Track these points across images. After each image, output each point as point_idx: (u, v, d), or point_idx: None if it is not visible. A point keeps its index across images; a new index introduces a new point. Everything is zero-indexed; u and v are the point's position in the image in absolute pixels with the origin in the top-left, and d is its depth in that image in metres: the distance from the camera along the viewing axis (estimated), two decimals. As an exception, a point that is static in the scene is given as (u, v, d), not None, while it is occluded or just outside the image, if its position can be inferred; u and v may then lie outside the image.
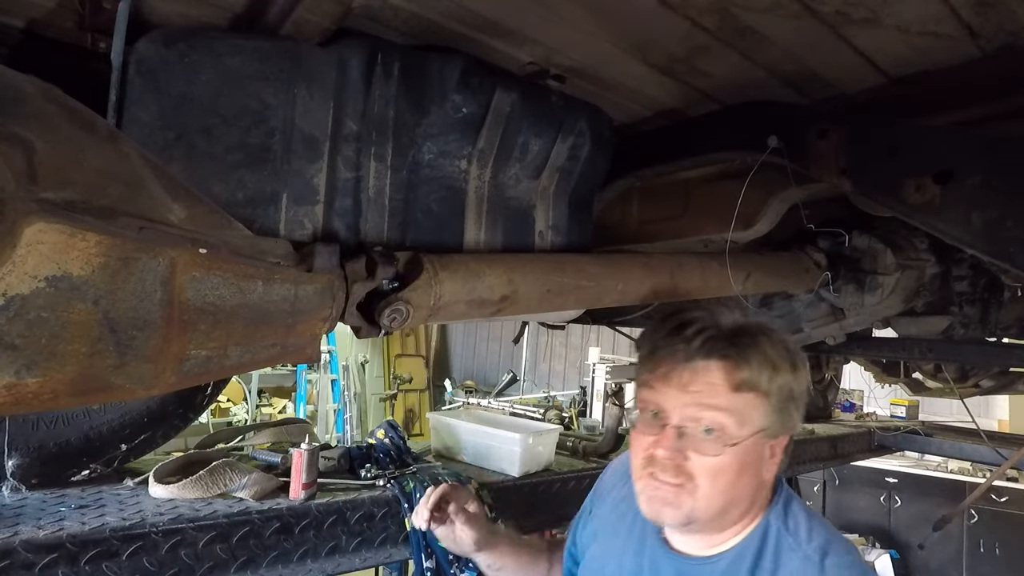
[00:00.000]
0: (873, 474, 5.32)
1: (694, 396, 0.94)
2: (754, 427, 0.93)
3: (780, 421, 0.94)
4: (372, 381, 8.72)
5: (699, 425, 0.92)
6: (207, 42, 0.99)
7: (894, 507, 5.30)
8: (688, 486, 0.93)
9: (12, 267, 0.63)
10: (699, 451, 0.92)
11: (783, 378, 0.94)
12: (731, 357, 0.93)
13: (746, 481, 0.95)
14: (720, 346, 0.94)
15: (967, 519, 4.94)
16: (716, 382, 0.93)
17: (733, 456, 0.92)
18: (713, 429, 0.92)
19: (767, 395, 0.93)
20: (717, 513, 0.95)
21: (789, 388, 0.94)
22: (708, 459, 0.92)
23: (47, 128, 0.69)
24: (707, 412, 0.92)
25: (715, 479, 0.92)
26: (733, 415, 0.92)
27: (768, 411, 0.93)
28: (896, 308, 2.10)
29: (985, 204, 1.20)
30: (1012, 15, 1.09)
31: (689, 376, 0.95)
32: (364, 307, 1.07)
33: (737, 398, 0.93)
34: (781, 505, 1.00)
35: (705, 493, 0.92)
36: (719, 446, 0.91)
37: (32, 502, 1.50)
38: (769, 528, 0.98)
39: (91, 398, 0.76)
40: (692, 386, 0.94)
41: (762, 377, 0.92)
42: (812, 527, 0.96)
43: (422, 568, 1.83)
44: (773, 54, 1.28)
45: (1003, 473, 4.36)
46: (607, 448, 2.61)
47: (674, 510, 0.94)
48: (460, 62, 1.21)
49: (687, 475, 0.93)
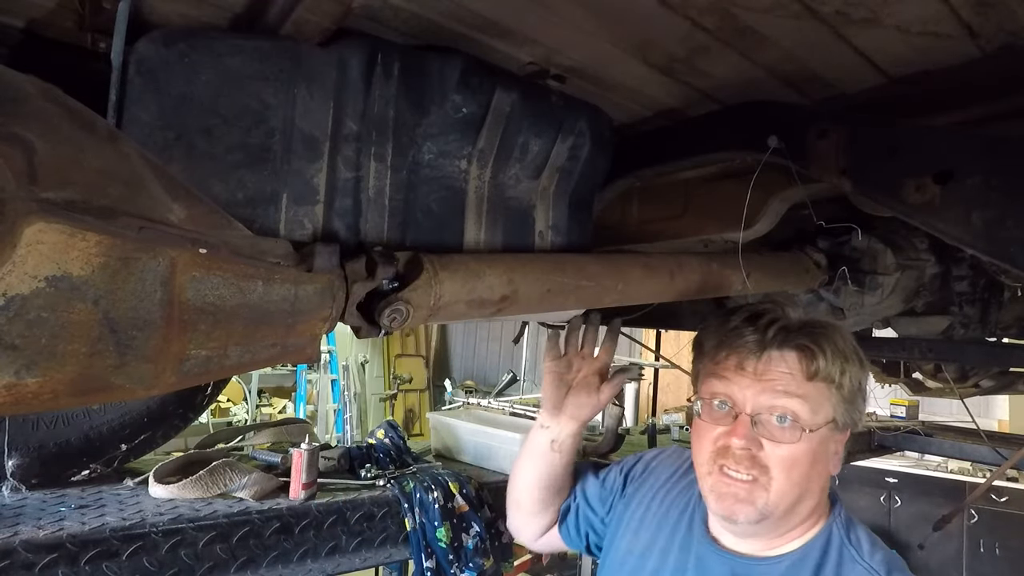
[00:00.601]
0: (873, 474, 5.33)
1: (769, 384, 0.94)
2: (827, 417, 0.94)
3: (848, 413, 0.95)
4: (372, 381, 8.72)
5: (773, 413, 0.92)
6: (207, 42, 0.99)
7: (894, 507, 5.30)
8: (762, 480, 0.92)
9: (12, 267, 0.63)
10: (774, 439, 0.92)
11: (853, 370, 0.95)
12: (806, 347, 0.94)
13: (818, 473, 0.95)
14: (794, 336, 0.95)
15: (967, 519, 4.94)
16: (791, 371, 0.94)
17: (807, 446, 0.92)
18: (788, 417, 0.92)
19: (840, 386, 0.94)
20: (789, 507, 0.95)
21: (859, 380, 0.96)
22: (783, 448, 0.92)
23: (47, 128, 0.69)
24: (782, 400, 0.92)
25: (790, 470, 0.92)
26: (808, 403, 0.92)
27: (839, 402, 0.94)
28: (896, 308, 2.10)
29: (985, 204, 1.20)
30: (1012, 15, 1.09)
31: (763, 365, 0.95)
32: (364, 307, 1.07)
33: (811, 387, 0.93)
34: (843, 517, 1.00)
35: (780, 486, 0.92)
36: (795, 433, 0.91)
37: (32, 502, 1.50)
38: (832, 537, 0.97)
39: (91, 398, 0.76)
40: (766, 375, 0.94)
41: (835, 368, 0.93)
42: (873, 543, 0.97)
43: (422, 568, 1.83)
44: (773, 54, 1.28)
45: (1003, 473, 4.36)
46: (607, 448, 2.61)
47: (748, 507, 0.93)
48: (460, 62, 1.21)
49: (761, 467, 0.93)
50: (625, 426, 3.05)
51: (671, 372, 7.40)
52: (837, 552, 0.95)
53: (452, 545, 1.90)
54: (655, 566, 1.09)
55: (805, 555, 0.96)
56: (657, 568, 1.08)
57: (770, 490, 0.92)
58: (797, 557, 0.96)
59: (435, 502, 1.92)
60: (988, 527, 4.92)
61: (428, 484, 1.96)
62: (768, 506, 0.92)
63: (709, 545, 1.03)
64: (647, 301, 1.60)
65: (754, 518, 0.93)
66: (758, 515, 0.93)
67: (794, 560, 0.96)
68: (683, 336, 6.76)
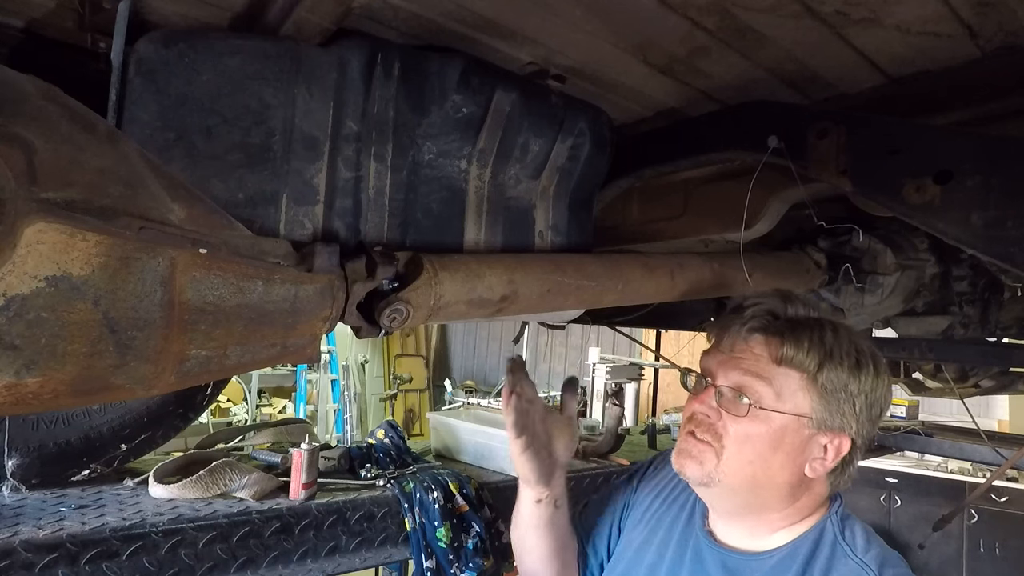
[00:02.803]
0: (873, 474, 5.33)
1: (736, 361, 0.98)
2: (795, 407, 0.94)
3: (827, 412, 0.94)
4: (372, 381, 8.73)
5: (733, 387, 0.96)
6: (207, 42, 0.99)
7: (894, 507, 5.30)
8: (715, 447, 0.96)
9: (12, 267, 0.63)
10: (730, 412, 0.95)
11: (837, 370, 0.94)
12: (781, 334, 0.96)
13: (780, 462, 0.95)
14: (775, 324, 0.98)
15: (967, 519, 4.94)
16: (759, 352, 0.97)
17: (765, 428, 0.94)
18: (744, 394, 0.95)
19: (813, 380, 0.93)
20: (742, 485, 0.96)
21: (843, 382, 0.94)
22: (739, 423, 0.94)
23: (47, 128, 0.69)
24: (745, 377, 0.96)
25: (742, 445, 0.95)
26: (771, 386, 0.94)
27: (813, 397, 0.94)
28: (896, 308, 2.10)
29: (985, 204, 1.20)
30: (1012, 15, 1.09)
31: (736, 344, 1.00)
32: (364, 307, 1.07)
33: (780, 372, 0.95)
34: (839, 516, 1.00)
35: (730, 457, 0.95)
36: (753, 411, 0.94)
37: (32, 502, 1.50)
38: (824, 533, 0.97)
39: (91, 398, 0.76)
40: (736, 352, 0.99)
41: (810, 360, 0.93)
42: (869, 540, 0.96)
43: (422, 568, 1.83)
44: (773, 54, 1.28)
45: (1003, 473, 4.36)
46: (607, 448, 2.61)
47: (697, 465, 0.97)
48: (460, 62, 1.21)
49: (716, 435, 0.97)
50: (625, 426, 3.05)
51: (671, 372, 7.40)
52: (829, 548, 0.95)
53: (452, 545, 1.90)
54: (653, 560, 1.10)
55: (795, 550, 0.97)
56: (655, 562, 1.09)
57: (720, 457, 0.95)
58: (787, 552, 0.97)
59: (435, 502, 1.92)
60: (988, 527, 4.92)
61: (428, 484, 1.96)
62: (716, 472, 0.96)
63: (705, 539, 1.05)
64: (647, 301, 1.60)
65: (700, 479, 0.97)
66: (705, 476, 0.96)
67: (784, 555, 0.97)
68: (683, 336, 6.76)
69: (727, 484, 0.96)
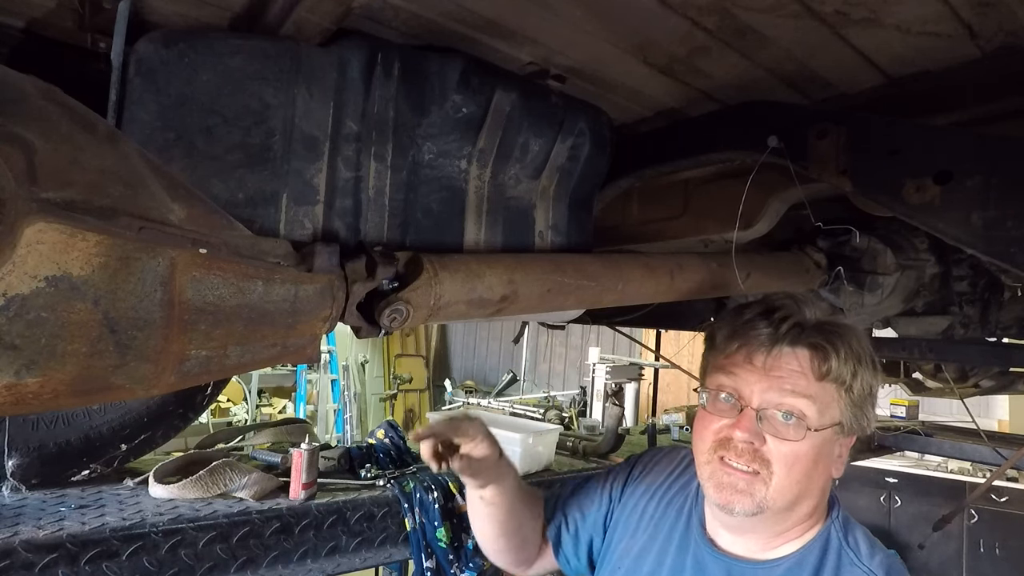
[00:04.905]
0: (873, 474, 5.33)
1: (777, 381, 0.93)
2: (834, 419, 0.93)
3: (855, 418, 0.94)
4: (372, 381, 8.72)
5: (780, 410, 0.92)
6: (207, 42, 0.99)
7: (894, 507, 5.30)
8: (763, 474, 0.92)
9: (12, 267, 0.63)
10: (779, 436, 0.91)
11: (865, 374, 0.93)
12: (819, 346, 0.93)
13: (819, 474, 0.94)
14: (808, 334, 0.94)
15: (967, 519, 4.95)
16: (802, 369, 0.93)
17: (811, 445, 0.91)
18: (793, 415, 0.91)
19: (849, 389, 0.92)
20: (788, 505, 0.94)
21: (870, 385, 0.94)
22: (786, 445, 0.91)
23: (47, 128, 0.69)
24: (789, 398, 0.91)
25: (792, 467, 0.91)
26: (816, 403, 0.91)
27: (847, 405, 0.93)
28: (896, 308, 2.10)
29: (985, 204, 1.20)
30: (1012, 15, 1.09)
31: (773, 361, 0.94)
32: (364, 307, 1.07)
33: (820, 387, 0.92)
34: (841, 520, 0.99)
35: (780, 482, 0.91)
36: (800, 431, 0.90)
37: (32, 502, 1.50)
38: (830, 540, 0.96)
39: (91, 398, 0.76)
40: (775, 371, 0.93)
41: (846, 370, 0.92)
42: (872, 545, 0.96)
43: (422, 568, 1.83)
44: (773, 54, 1.28)
45: (1003, 473, 4.36)
46: (607, 448, 2.61)
47: (746, 498, 0.92)
48: (460, 62, 1.21)
49: (763, 461, 0.92)
50: (625, 426, 3.05)
51: (671, 372, 7.40)
52: (836, 555, 0.94)
53: (452, 545, 1.90)
54: (652, 568, 1.08)
55: (803, 559, 0.95)
56: (654, 570, 1.07)
57: (770, 484, 0.91)
58: (794, 560, 0.95)
59: (435, 502, 1.92)
60: (988, 527, 4.92)
61: (428, 484, 1.96)
62: (767, 500, 0.92)
63: (706, 547, 1.03)
64: (647, 301, 1.60)
65: (751, 510, 0.92)
66: (755, 507, 0.92)
67: (791, 564, 0.95)
68: (683, 336, 6.76)
69: (776, 507, 0.93)
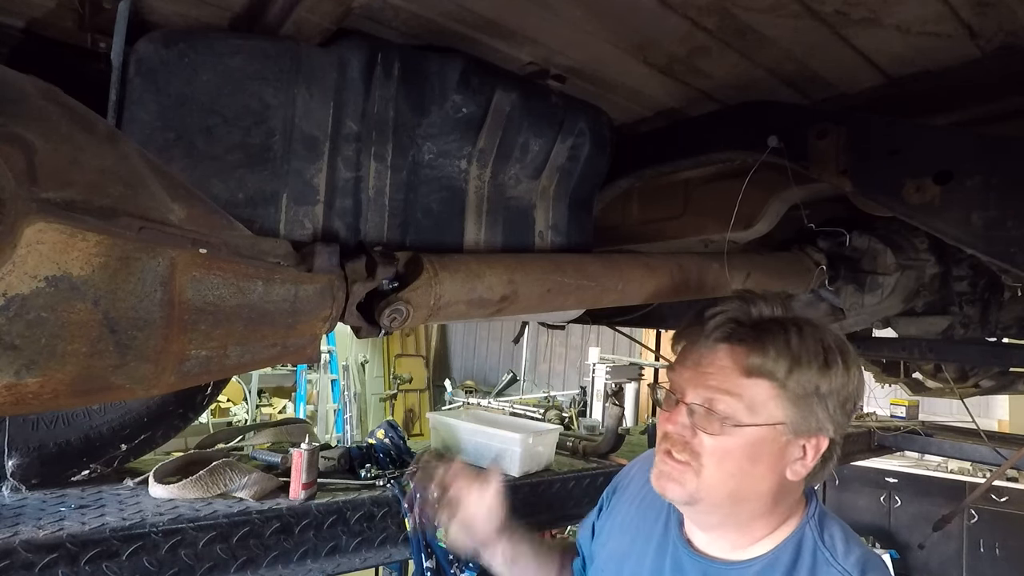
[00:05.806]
0: (873, 474, 5.33)
1: (704, 377, 0.95)
2: (770, 418, 0.92)
3: (801, 417, 0.92)
4: (372, 381, 8.72)
5: (707, 405, 0.93)
6: (207, 42, 0.99)
7: (894, 507, 5.31)
8: (694, 465, 0.94)
9: (12, 267, 0.63)
10: (704, 430, 0.93)
11: (806, 373, 0.91)
12: (746, 342, 0.93)
13: (761, 473, 0.93)
14: (739, 332, 0.95)
15: (967, 519, 4.95)
16: (727, 365, 0.94)
17: (742, 441, 0.92)
18: (715, 410, 0.92)
19: (783, 387, 0.91)
20: (726, 499, 0.94)
21: (814, 385, 0.91)
22: (714, 439, 0.92)
23: (47, 128, 0.69)
24: (715, 393, 0.93)
25: (720, 461, 0.92)
26: (742, 400, 0.92)
27: (787, 404, 0.92)
28: (896, 308, 2.10)
29: (985, 204, 1.20)
30: (1012, 15, 1.09)
31: (702, 357, 0.96)
32: (364, 307, 1.07)
33: (749, 384, 0.92)
34: (816, 517, 0.98)
35: (711, 474, 0.93)
36: (724, 426, 0.92)
37: (32, 502, 1.50)
38: (804, 539, 0.96)
39: (91, 398, 0.76)
40: (704, 367, 0.96)
41: (778, 367, 0.91)
42: (848, 541, 0.95)
43: (422, 568, 1.83)
44: (773, 54, 1.28)
45: (1003, 473, 4.36)
46: (607, 448, 2.61)
47: (678, 487, 0.95)
48: (460, 62, 1.21)
49: (693, 453, 0.94)
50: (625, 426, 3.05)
51: (671, 372, 7.39)
52: (810, 555, 0.94)
53: (452, 545, 1.89)
54: (633, 570, 1.09)
55: (776, 559, 0.95)
56: (635, 572, 1.08)
57: (700, 476, 0.94)
58: (767, 561, 0.96)
59: (435, 502, 1.92)
60: (988, 527, 4.92)
61: (428, 484, 1.96)
62: (699, 491, 0.94)
63: (684, 548, 1.04)
64: (648, 301, 1.60)
65: (683, 499, 0.96)
66: (687, 496, 0.95)
67: (764, 564, 0.96)
68: (683, 336, 6.75)
69: (710, 500, 0.95)
